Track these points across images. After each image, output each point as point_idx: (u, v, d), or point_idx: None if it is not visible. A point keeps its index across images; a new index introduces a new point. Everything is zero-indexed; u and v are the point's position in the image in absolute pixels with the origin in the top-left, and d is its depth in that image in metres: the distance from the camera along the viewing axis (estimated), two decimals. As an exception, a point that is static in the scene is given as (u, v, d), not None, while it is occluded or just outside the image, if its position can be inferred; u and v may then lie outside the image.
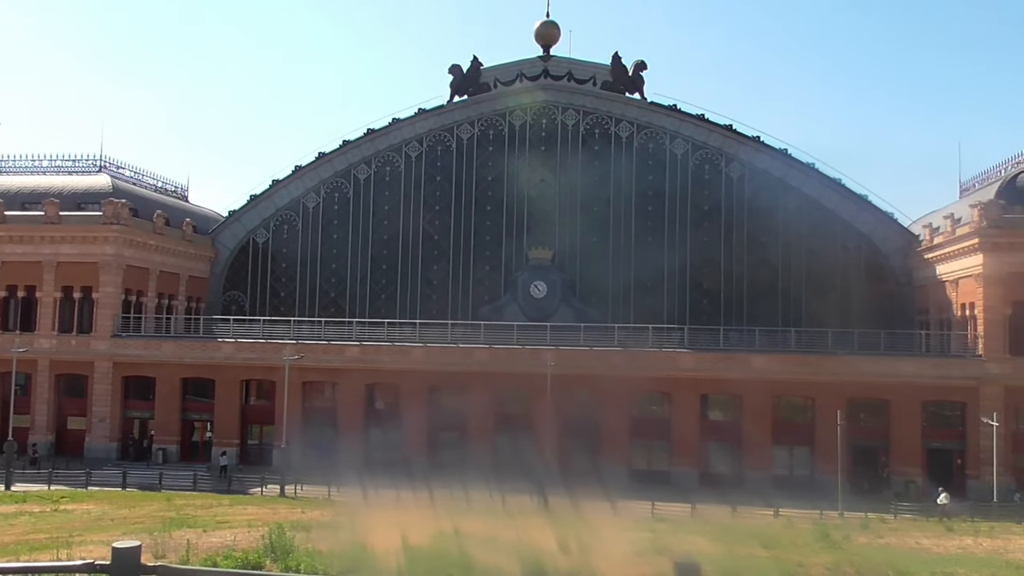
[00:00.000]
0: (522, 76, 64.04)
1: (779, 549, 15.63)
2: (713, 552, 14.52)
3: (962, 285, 50.44)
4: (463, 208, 62.88)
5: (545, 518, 28.86)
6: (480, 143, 63.80)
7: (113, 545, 4.24)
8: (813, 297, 58.25)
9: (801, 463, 48.80)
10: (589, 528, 23.09)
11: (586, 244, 61.05)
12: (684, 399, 49.41)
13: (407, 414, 51.97)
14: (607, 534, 18.95)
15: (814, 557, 15.92)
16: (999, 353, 46.89)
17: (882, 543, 23.24)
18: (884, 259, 58.51)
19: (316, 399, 54.85)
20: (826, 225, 59.26)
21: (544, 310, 59.48)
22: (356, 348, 53.06)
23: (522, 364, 50.06)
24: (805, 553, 16.09)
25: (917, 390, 47.30)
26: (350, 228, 64.07)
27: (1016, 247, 47.31)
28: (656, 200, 61.31)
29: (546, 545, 18.12)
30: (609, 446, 49.03)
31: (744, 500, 39.06)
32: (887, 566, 15.22)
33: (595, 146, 62.59)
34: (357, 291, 63.27)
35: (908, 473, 46.66)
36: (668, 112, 62.04)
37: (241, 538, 19.84)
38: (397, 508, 35.74)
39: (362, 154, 64.79)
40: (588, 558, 15.69)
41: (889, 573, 14.24)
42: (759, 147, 60.77)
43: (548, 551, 16.96)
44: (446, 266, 62.57)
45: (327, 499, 39.79)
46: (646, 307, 59.09)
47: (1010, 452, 45.32)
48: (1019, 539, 25.83)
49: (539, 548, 17.47)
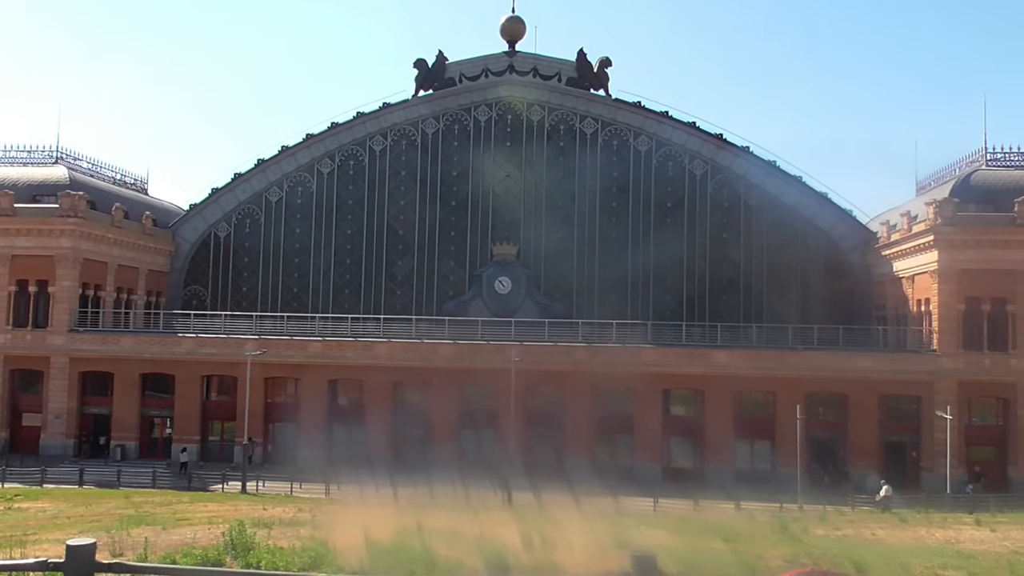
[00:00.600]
0: (488, 71, 63.95)
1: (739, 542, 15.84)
2: (674, 545, 14.68)
3: (918, 281, 51.48)
4: (428, 203, 62.68)
5: (509, 513, 28.95)
6: (445, 138, 63.63)
7: (67, 543, 4.17)
8: (774, 293, 59.06)
9: (762, 457, 49.49)
10: (552, 522, 23.22)
11: (551, 240, 61.22)
12: (647, 394, 49.82)
13: (371, 410, 51.78)
14: (570, 528, 19.07)
15: (773, 549, 16.16)
16: (953, 348, 47.96)
17: (839, 535, 23.69)
18: (843, 256, 59.48)
19: (278, 395, 54.41)
20: (787, 222, 60.08)
21: (509, 306, 59.57)
22: (319, 343, 52.70)
23: (487, 360, 50.09)
24: (764, 545, 16.33)
25: (874, 385, 48.23)
26: (313, 222, 63.54)
27: (969, 244, 48.41)
28: (620, 196, 61.68)
29: (509, 540, 18.19)
30: (573, 441, 49.27)
31: (706, 494, 39.52)
32: (843, 557, 15.50)
33: (560, 142, 62.76)
34: (320, 286, 62.80)
35: (865, 466, 47.53)
36: (632, 109, 62.40)
37: (201, 535, 19.63)
38: (360, 504, 35.62)
39: (326, 148, 64.26)
40: (550, 552, 15.78)
41: (845, 564, 14.49)
42: (722, 145, 61.40)
43: (511, 546, 17.03)
44: (411, 261, 62.36)
45: (289, 496, 39.51)
46: (610, 303, 59.46)
47: (963, 445, 46.41)
48: (970, 530, 26.48)
49: (502, 543, 17.53)
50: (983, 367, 47.86)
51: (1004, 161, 54.76)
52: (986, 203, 50.53)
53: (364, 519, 25.15)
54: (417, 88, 64.33)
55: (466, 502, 39.10)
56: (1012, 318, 47.79)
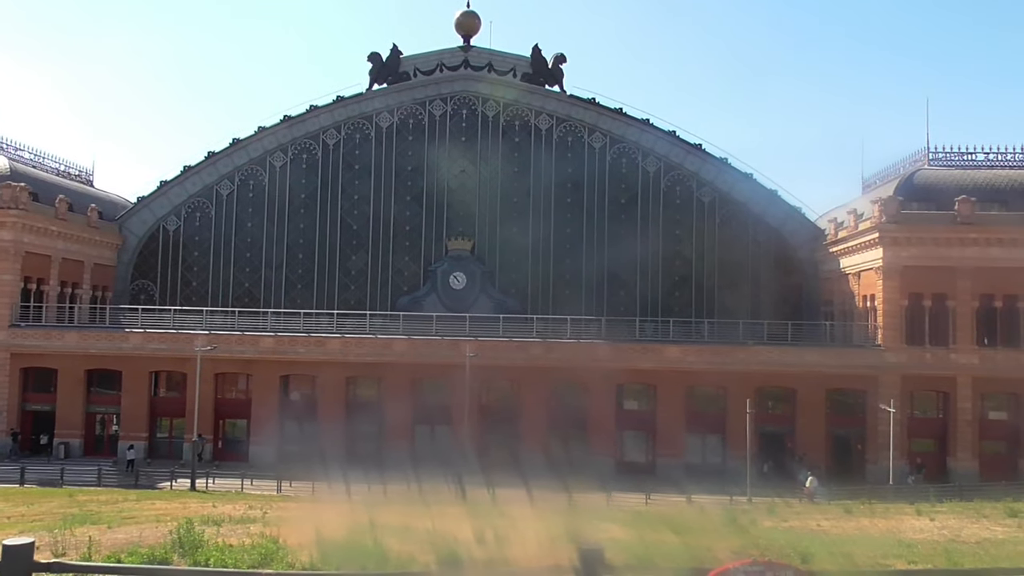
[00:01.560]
0: (442, 66, 63.73)
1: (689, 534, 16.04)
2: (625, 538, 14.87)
3: (863, 277, 52.70)
4: (382, 198, 62.28)
5: (462, 508, 28.93)
6: (400, 132, 63.26)
7: (3, 543, 4.08)
8: (725, 289, 59.89)
9: (713, 450, 50.25)
10: (505, 517, 23.28)
11: (506, 235, 61.30)
12: (601, 390, 50.22)
13: (324, 406, 51.42)
14: (523, 523, 19.16)
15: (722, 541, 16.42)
16: (896, 343, 49.23)
17: (786, 526, 24.15)
18: (792, 252, 60.57)
19: (229, 391, 53.72)
20: (738, 219, 61.00)
21: (463, 301, 59.53)
22: (271, 339, 52.11)
23: (441, 355, 50.06)
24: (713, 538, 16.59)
25: (822, 379, 49.28)
26: (265, 216, 62.73)
27: (912, 241, 49.71)
28: (575, 192, 61.99)
29: (462, 535, 18.19)
30: (528, 436, 49.47)
31: (658, 487, 40.00)
32: (789, 548, 15.82)
33: (515, 138, 62.83)
34: (273, 281, 62.02)
35: (813, 458, 48.49)
36: (587, 105, 62.73)
37: (148, 533, 19.28)
38: (312, 501, 35.30)
39: (278, 141, 63.44)
40: (502, 547, 15.84)
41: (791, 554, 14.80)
42: (675, 141, 62.04)
43: (463, 540, 17.04)
44: (364, 256, 61.91)
45: (240, 493, 39.01)
46: (565, 299, 59.79)
47: (905, 437, 47.68)
48: (911, 519, 27.23)
49: (455, 537, 17.53)
50: (925, 361, 49.21)
51: (945, 161, 56.29)
52: (928, 201, 51.90)
53: (316, 516, 24.92)
54: (371, 82, 63.85)
55: (420, 497, 39.01)
56: (952, 314, 49.21)
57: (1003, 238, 49.20)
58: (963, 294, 49.06)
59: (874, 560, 13.90)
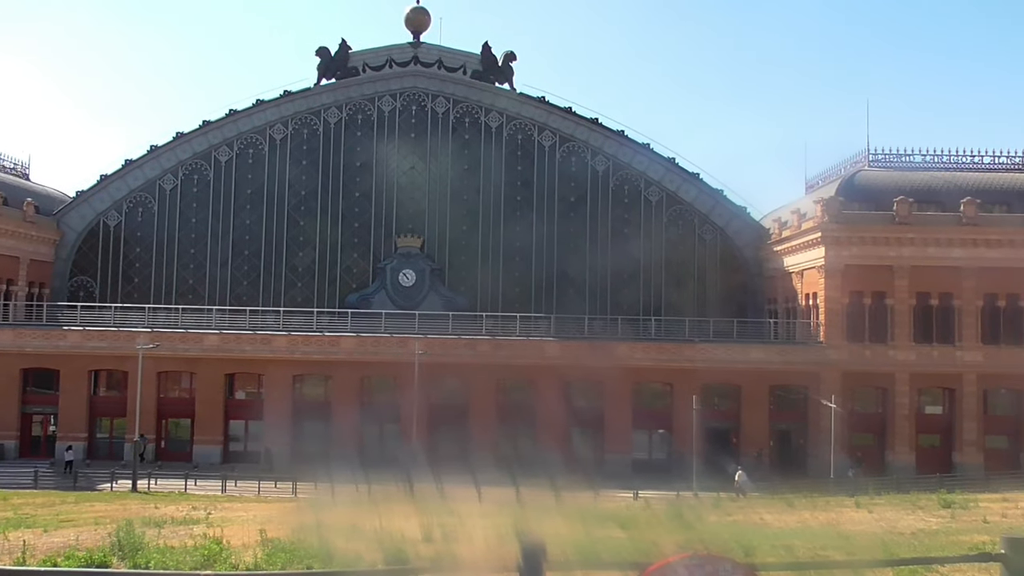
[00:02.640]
0: (392, 62, 63.29)
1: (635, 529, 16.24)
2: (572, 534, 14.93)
3: (806, 276, 53.85)
4: (330, 194, 61.63)
5: (410, 506, 28.81)
6: (348, 128, 62.66)
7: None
8: (672, 287, 60.59)
9: (660, 446, 50.89)
10: (454, 514, 23.26)
11: (456, 232, 61.19)
12: (549, 386, 50.44)
13: (270, 404, 50.77)
14: (470, 520, 19.16)
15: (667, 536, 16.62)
16: (838, 340, 50.42)
17: (730, 520, 24.57)
18: (738, 251, 61.57)
19: (172, 390, 52.70)
20: (685, 218, 61.79)
21: (413, 298, 59.26)
22: (216, 336, 51.26)
23: (390, 352, 49.81)
24: (659, 532, 16.79)
25: (766, 375, 50.25)
26: (210, 212, 61.58)
27: (853, 241, 50.97)
28: (525, 190, 62.12)
29: (409, 532, 18.13)
30: (477, 433, 49.44)
31: (606, 483, 40.30)
32: (733, 541, 16.07)
33: (465, 135, 62.71)
34: (218, 278, 60.90)
35: (757, 453, 49.39)
36: (537, 104, 62.88)
37: (86, 537, 18.80)
38: (257, 501, 34.85)
39: (223, 135, 62.33)
40: (450, 544, 15.83)
41: (735, 548, 15.03)
42: (624, 141, 62.55)
43: (411, 538, 16.98)
44: (312, 253, 61.17)
45: (183, 494, 38.26)
46: (514, 296, 59.94)
47: (846, 432, 48.85)
48: (850, 512, 27.93)
49: (402, 535, 17.45)
50: (864, 358, 50.49)
51: (885, 162, 57.81)
52: (869, 202, 53.22)
53: (261, 516, 24.63)
54: (319, 77, 63.12)
55: (368, 496, 38.76)
56: (891, 311, 50.58)
57: (938, 238, 50.74)
58: (901, 292, 50.47)
59: (814, 552, 14.25)
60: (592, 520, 18.00)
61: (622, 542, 14.62)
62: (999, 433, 50.91)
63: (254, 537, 17.56)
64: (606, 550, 12.84)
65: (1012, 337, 50.49)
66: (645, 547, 13.73)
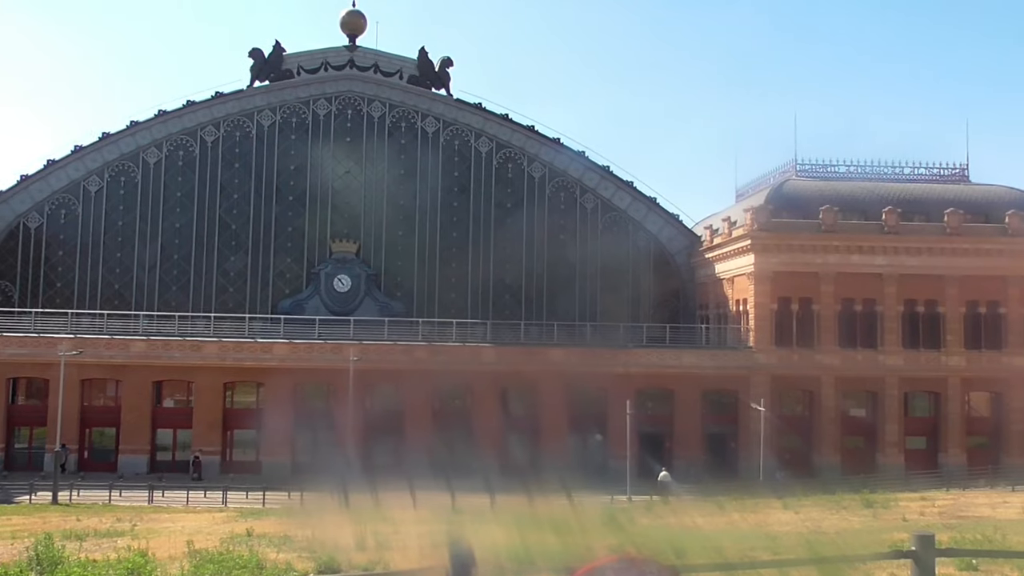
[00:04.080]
0: (327, 65, 62.61)
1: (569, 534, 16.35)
2: (507, 540, 14.95)
3: (737, 282, 55.08)
4: (264, 197, 60.59)
5: (344, 515, 28.49)
6: (282, 131, 61.72)
7: None
8: (607, 293, 61.22)
9: (595, 451, 51.32)
10: (388, 522, 23.08)
11: (392, 238, 60.80)
12: (486, 392, 50.48)
13: (199, 412, 49.62)
14: (404, 527, 19.05)
15: (601, 540, 16.75)
16: (766, 345, 51.69)
17: (662, 523, 24.92)
18: (671, 258, 62.60)
19: (97, 398, 51.11)
20: (619, 224, 62.57)
21: (348, 304, 58.62)
22: (143, 343, 49.89)
23: (324, 359, 49.21)
24: (593, 536, 16.93)
25: (698, 380, 51.17)
26: (138, 215, 59.93)
27: (782, 248, 52.37)
28: (462, 196, 62.10)
29: (342, 541, 17.94)
30: (413, 440, 49.15)
31: (542, 488, 40.44)
32: (665, 544, 16.27)
33: (402, 140, 62.38)
34: (145, 283, 59.24)
35: (690, 457, 50.23)
36: (473, 110, 62.95)
37: (2, 551, 18.09)
38: (185, 511, 34.00)
39: (152, 136, 60.74)
40: (383, 553, 15.70)
41: (666, 549, 15.23)
42: (559, 148, 63.03)
43: (344, 546, 16.81)
44: (244, 258, 60.02)
45: (108, 505, 37.07)
46: (450, 302, 59.84)
47: (775, 435, 50.05)
48: (778, 513, 28.62)
49: (335, 544, 17.27)
50: (792, 362, 51.87)
51: (812, 172, 59.61)
52: (796, 210, 54.71)
53: (189, 527, 24.05)
54: (253, 78, 62.07)
55: (300, 505, 38.16)
56: (817, 317, 52.08)
57: (862, 246, 52.49)
58: (827, 298, 52.02)
59: (742, 552, 14.57)
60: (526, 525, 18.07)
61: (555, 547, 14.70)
62: (918, 434, 52.84)
63: (181, 549, 17.15)
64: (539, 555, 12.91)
65: (930, 341, 52.51)
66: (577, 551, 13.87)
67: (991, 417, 53.61)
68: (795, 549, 17.31)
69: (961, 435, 52.21)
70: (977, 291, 52.65)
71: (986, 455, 51.79)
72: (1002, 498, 38.66)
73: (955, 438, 51.93)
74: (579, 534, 17.08)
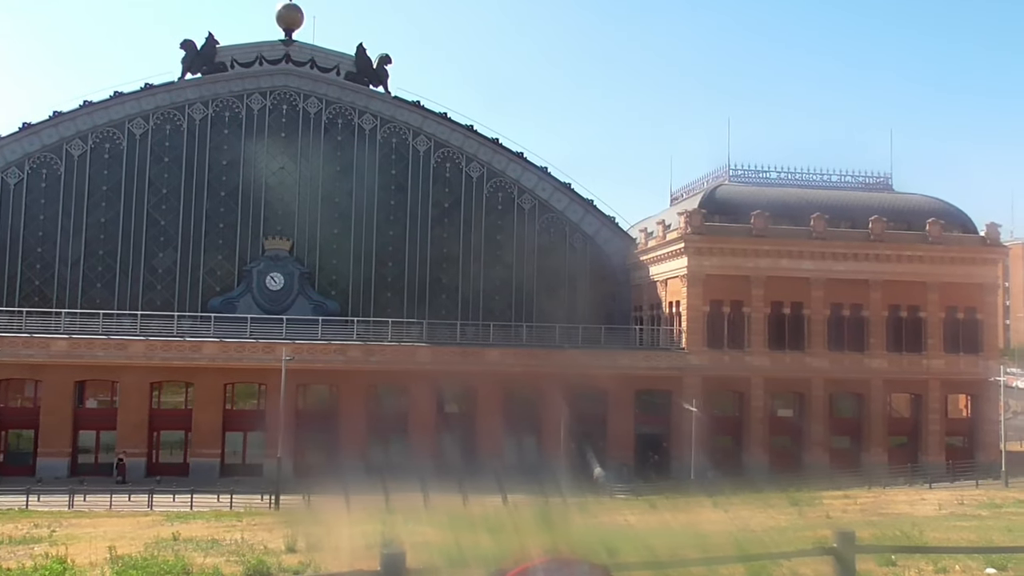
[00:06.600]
0: (262, 59, 61.43)
1: (503, 534, 16.33)
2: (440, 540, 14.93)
3: (670, 285, 55.94)
4: (194, 193, 59.11)
5: (275, 517, 28.03)
6: (215, 125, 60.32)
7: None
8: (544, 293, 61.49)
9: (530, 450, 51.45)
10: (320, 524, 22.73)
11: (327, 236, 59.97)
12: (422, 392, 50.18)
13: (125, 413, 48.15)
14: (337, 529, 18.78)
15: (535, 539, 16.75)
16: (698, 346, 52.61)
17: (596, 522, 25.12)
18: (607, 260, 63.22)
19: (14, 398, 49.20)
20: (556, 226, 62.94)
21: (280, 303, 57.61)
22: (65, 341, 48.17)
23: (256, 358, 48.28)
24: (527, 536, 16.92)
25: (632, 380, 51.77)
26: (60, 209, 57.83)
27: (714, 251, 53.38)
28: (399, 194, 61.62)
29: (272, 544, 17.63)
30: (346, 440, 48.58)
31: (477, 488, 40.37)
32: (598, 543, 16.40)
33: (338, 136, 61.59)
34: (68, 279, 57.21)
35: (624, 457, 50.77)
36: (412, 108, 62.53)
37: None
38: (108, 516, 32.91)
39: (77, 128, 58.70)
40: (315, 555, 15.46)
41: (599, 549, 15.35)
42: (498, 149, 63.08)
43: (274, 549, 16.51)
44: (173, 254, 58.47)
45: (24, 510, 35.63)
46: (386, 301, 59.34)
47: (706, 435, 50.96)
48: (708, 512, 29.08)
49: (264, 547, 16.96)
50: (723, 363, 52.90)
51: (744, 177, 60.95)
52: (728, 215, 55.87)
53: (112, 532, 23.29)
54: (184, 71, 60.52)
55: (229, 508, 37.36)
56: (748, 319, 53.23)
57: (791, 250, 53.84)
58: (757, 301, 53.20)
59: (672, 551, 14.76)
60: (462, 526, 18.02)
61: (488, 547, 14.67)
62: (843, 434, 54.45)
63: (103, 555, 16.57)
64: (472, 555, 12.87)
65: (854, 344, 54.16)
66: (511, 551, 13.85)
67: (911, 418, 55.59)
68: (724, 547, 17.63)
69: (883, 435, 54.00)
70: (899, 296, 54.54)
71: (906, 454, 53.71)
72: (920, 495, 40.16)
73: (877, 438, 53.68)
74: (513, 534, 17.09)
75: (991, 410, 54.28)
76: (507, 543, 14.61)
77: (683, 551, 16.15)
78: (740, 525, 24.11)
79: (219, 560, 15.50)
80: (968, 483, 47.77)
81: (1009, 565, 13.40)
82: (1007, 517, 26.96)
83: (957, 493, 39.25)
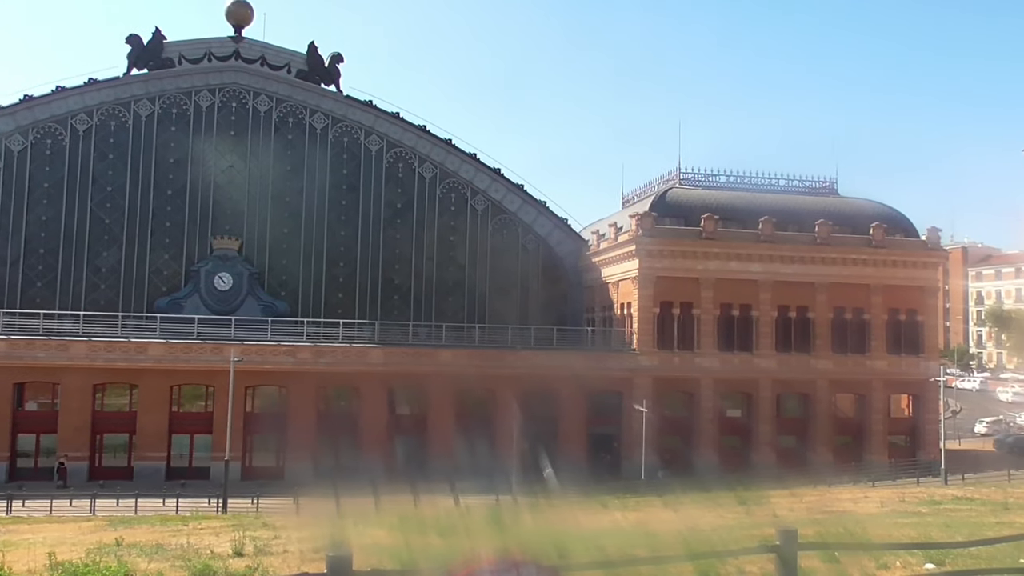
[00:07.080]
0: (211, 55, 60.40)
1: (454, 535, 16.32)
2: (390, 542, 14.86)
3: (621, 286, 56.44)
4: (140, 191, 57.86)
5: (222, 521, 27.56)
6: (161, 122, 59.12)
7: None
8: (496, 294, 61.55)
9: (483, 451, 51.36)
10: (268, 528, 22.46)
11: (276, 235, 59.20)
12: (373, 393, 49.85)
13: (66, 415, 46.95)
14: (285, 533, 18.58)
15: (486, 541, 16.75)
16: (649, 347, 53.17)
17: (547, 523, 25.20)
18: (559, 261, 63.52)
19: (-51, 401, 47.50)
20: (509, 228, 63.03)
21: (229, 303, 56.69)
22: (2, 342, 46.86)
23: (203, 360, 47.47)
24: (478, 538, 16.93)
25: (583, 381, 52.01)
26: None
27: (664, 254, 54.02)
28: (350, 194, 61.11)
29: (219, 549, 17.33)
30: (296, 442, 48.05)
31: (429, 490, 40.21)
32: (548, 543, 16.44)
33: (288, 135, 60.84)
34: (7, 278, 55.53)
35: (575, 457, 50.92)
36: (364, 107, 62.07)
37: None
38: (49, 521, 32.03)
39: (17, 123, 57.04)
40: (262, 559, 15.25)
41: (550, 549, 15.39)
42: (451, 150, 62.94)
43: (220, 554, 16.24)
44: (118, 253, 57.14)
45: (-41, 517, 34.51)
46: (337, 302, 58.80)
47: (656, 435, 51.52)
48: (658, 511, 29.40)
49: (211, 552, 16.67)
50: (673, 364, 53.54)
51: (694, 181, 61.79)
52: (679, 218, 56.60)
53: (52, 537, 22.65)
54: (130, 66, 59.23)
55: (176, 512, 36.65)
56: (697, 321, 53.96)
57: (740, 253, 54.73)
58: (706, 303, 53.97)
59: (622, 550, 14.88)
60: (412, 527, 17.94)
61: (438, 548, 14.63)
62: (789, 433, 55.49)
63: (42, 561, 16.11)
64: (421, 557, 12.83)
65: (801, 345, 55.27)
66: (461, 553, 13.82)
67: (855, 417, 56.89)
68: (673, 546, 17.84)
69: (828, 434, 55.17)
70: (844, 298, 55.80)
71: (851, 453, 54.93)
72: (863, 493, 41.10)
73: (823, 437, 54.82)
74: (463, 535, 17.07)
75: (931, 410, 55.83)
76: (457, 545, 14.58)
77: (633, 550, 16.30)
78: (689, 524, 24.42)
79: (164, 565, 15.19)
80: (910, 481, 49.08)
81: (947, 560, 13.80)
82: (946, 514, 27.73)
83: (899, 491, 40.28)
